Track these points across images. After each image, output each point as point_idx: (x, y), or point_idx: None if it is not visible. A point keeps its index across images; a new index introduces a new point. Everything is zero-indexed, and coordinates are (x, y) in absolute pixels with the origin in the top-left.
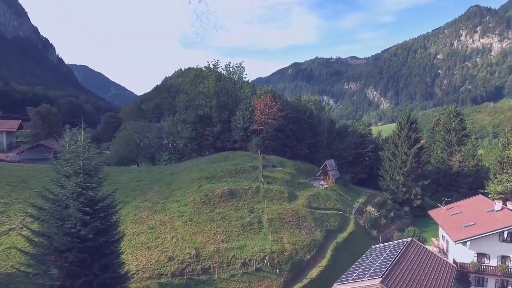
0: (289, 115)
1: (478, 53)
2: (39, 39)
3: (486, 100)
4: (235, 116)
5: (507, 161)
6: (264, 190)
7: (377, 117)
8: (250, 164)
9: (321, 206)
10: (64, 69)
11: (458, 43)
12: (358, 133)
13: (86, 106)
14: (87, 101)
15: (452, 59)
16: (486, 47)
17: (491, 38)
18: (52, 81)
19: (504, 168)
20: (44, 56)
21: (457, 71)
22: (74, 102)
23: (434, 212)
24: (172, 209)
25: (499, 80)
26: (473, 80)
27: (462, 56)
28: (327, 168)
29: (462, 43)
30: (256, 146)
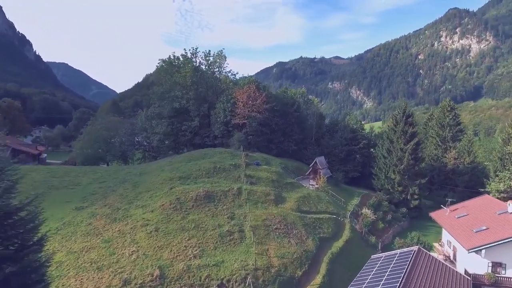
0: (275, 108)
1: (458, 54)
2: (15, 35)
3: (466, 100)
4: (215, 109)
5: (509, 157)
6: (246, 192)
7: (360, 116)
8: (231, 162)
9: (312, 210)
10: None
11: (438, 44)
12: (349, 128)
13: (63, 104)
14: (65, 99)
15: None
16: (465, 48)
17: (470, 39)
18: (29, 79)
19: (505, 165)
20: (21, 52)
21: (438, 71)
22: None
23: (437, 214)
24: (135, 217)
25: (477, 80)
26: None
27: (442, 57)
28: (317, 166)
29: (442, 44)
30: (238, 142)
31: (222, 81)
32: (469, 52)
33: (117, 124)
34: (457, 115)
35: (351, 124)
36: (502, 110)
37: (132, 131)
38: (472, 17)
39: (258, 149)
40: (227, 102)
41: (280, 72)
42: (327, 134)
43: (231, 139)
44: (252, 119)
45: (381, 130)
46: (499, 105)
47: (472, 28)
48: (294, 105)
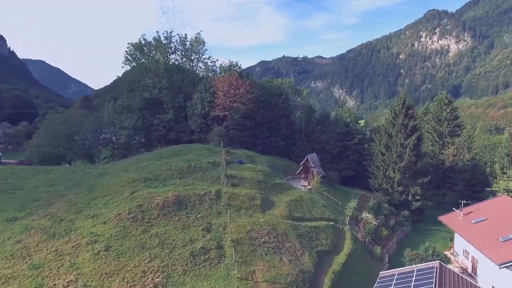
0: (260, 99)
1: (437, 54)
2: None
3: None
4: (192, 99)
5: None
6: (227, 196)
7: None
8: (209, 159)
9: (306, 216)
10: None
11: (418, 44)
12: (342, 121)
13: (36, 101)
14: (39, 96)
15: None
16: (444, 48)
17: (449, 39)
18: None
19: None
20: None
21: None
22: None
23: (448, 218)
24: (81, 230)
25: (456, 79)
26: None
27: (422, 57)
28: (309, 164)
29: (422, 44)
30: (218, 137)
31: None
32: (448, 52)
33: (81, 118)
34: (455, 109)
35: (344, 117)
36: (482, 108)
37: (97, 126)
38: (450, 18)
39: (241, 145)
40: (206, 91)
41: (263, 71)
42: (317, 128)
43: (209, 133)
44: (234, 110)
45: (378, 123)
46: (478, 104)
47: (451, 29)
48: (282, 95)
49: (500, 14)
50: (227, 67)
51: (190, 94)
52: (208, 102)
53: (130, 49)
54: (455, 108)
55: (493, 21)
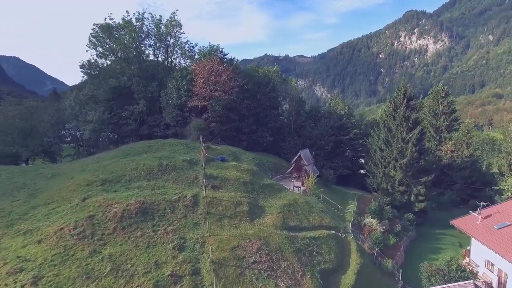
0: (245, 87)
1: (416, 53)
2: None
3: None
4: (167, 88)
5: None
6: (207, 202)
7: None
8: (186, 157)
9: (304, 225)
10: None
11: (398, 43)
12: (336, 114)
13: (7, 99)
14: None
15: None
16: (423, 48)
17: (427, 39)
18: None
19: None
20: None
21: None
22: None
23: (464, 223)
24: (5, 254)
25: (434, 79)
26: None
27: (401, 56)
28: (302, 161)
29: (401, 43)
30: (196, 130)
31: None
32: (426, 52)
33: (41, 112)
34: (452, 102)
35: (338, 109)
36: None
37: (58, 120)
38: (428, 19)
39: (223, 140)
40: (182, 78)
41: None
42: (308, 122)
43: (187, 127)
44: (216, 100)
45: (374, 117)
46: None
47: (429, 29)
48: (269, 84)
49: (475, 16)
50: (206, 51)
51: (165, 83)
52: (185, 91)
53: (96, 31)
54: (452, 101)
55: (469, 22)
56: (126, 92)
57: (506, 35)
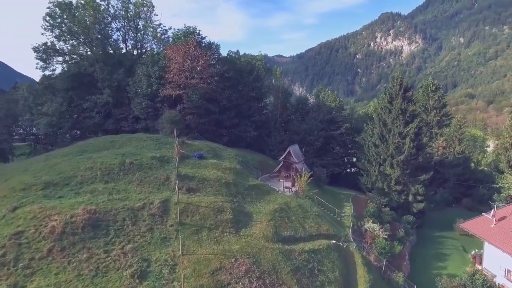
0: (225, 75)
1: (391, 54)
2: None
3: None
4: (135, 75)
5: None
6: (180, 209)
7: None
8: (156, 153)
9: (299, 234)
10: None
11: (374, 44)
12: (325, 107)
13: None
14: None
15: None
16: (398, 49)
17: (402, 41)
18: None
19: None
20: None
21: (374, 70)
22: None
23: (475, 226)
24: None
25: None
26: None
27: (378, 57)
28: (292, 158)
29: (377, 44)
30: (170, 123)
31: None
32: (401, 53)
33: None
34: (443, 96)
35: (327, 102)
36: None
37: (8, 112)
38: (403, 21)
39: (201, 135)
40: (153, 64)
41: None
42: (295, 116)
43: (159, 119)
44: (192, 89)
45: (365, 110)
46: None
47: (404, 31)
48: (253, 73)
49: (447, 19)
50: (181, 33)
51: (134, 70)
52: (157, 78)
53: (52, 10)
54: (443, 95)
55: (441, 24)
56: (89, 81)
57: (476, 37)
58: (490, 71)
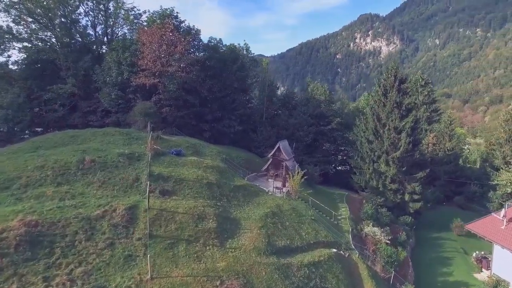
0: (207, 63)
1: (370, 54)
2: None
3: None
4: (104, 61)
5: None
6: (151, 217)
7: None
8: (124, 149)
9: (296, 243)
10: None
11: (354, 45)
12: (315, 101)
13: None
14: None
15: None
16: (377, 50)
17: (380, 42)
18: None
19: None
20: None
21: (354, 70)
22: None
23: (483, 227)
24: None
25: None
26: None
27: (357, 57)
28: (281, 155)
29: (357, 45)
30: (143, 116)
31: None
32: (380, 54)
33: None
34: (433, 91)
35: (317, 95)
36: None
37: None
38: (382, 22)
39: (180, 130)
40: (125, 49)
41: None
42: (282, 110)
43: (131, 111)
44: (169, 78)
45: (356, 104)
46: None
47: (382, 32)
48: (237, 61)
49: (423, 21)
50: (157, 16)
51: (102, 54)
52: (129, 66)
53: None
54: (432, 90)
55: (418, 26)
56: (51, 69)
57: (450, 39)
58: (465, 72)
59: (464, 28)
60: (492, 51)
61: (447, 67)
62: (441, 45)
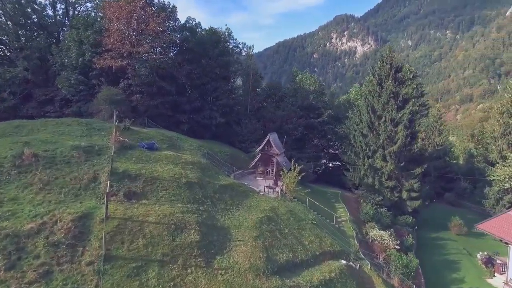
0: (184, 46)
1: (346, 54)
2: None
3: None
4: (62, 41)
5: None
6: (109, 230)
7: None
8: (80, 141)
9: (299, 256)
10: None
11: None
12: (304, 91)
13: None
14: None
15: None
16: (352, 50)
17: (356, 42)
18: None
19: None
20: None
21: (330, 69)
22: None
23: (498, 227)
24: None
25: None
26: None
27: (333, 57)
28: (272, 149)
29: (333, 45)
30: (108, 104)
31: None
32: (355, 54)
33: None
34: (421, 84)
35: (306, 85)
36: None
37: None
38: (357, 23)
39: (153, 121)
40: (87, 27)
41: None
42: (268, 101)
43: (94, 99)
44: (140, 61)
45: (347, 96)
46: None
47: (357, 32)
48: (219, 45)
49: (396, 22)
50: None
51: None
52: (92, 46)
53: None
54: (421, 83)
55: (391, 28)
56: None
57: (422, 40)
58: (436, 72)
59: (434, 30)
60: (461, 52)
61: (419, 67)
62: (413, 46)
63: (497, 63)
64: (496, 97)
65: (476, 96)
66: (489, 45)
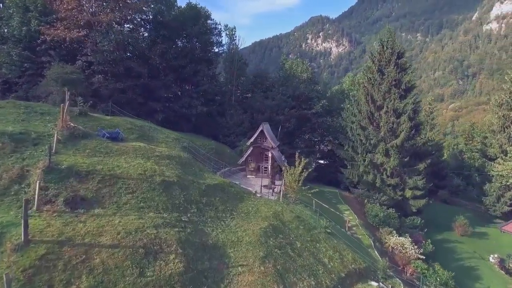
0: (159, 19)
1: (321, 55)
2: None
3: None
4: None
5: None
6: (31, 264)
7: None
8: (13, 127)
9: (324, 282)
10: None
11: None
12: (295, 79)
13: None
14: None
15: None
16: (327, 51)
17: (331, 43)
18: None
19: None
20: None
21: None
22: None
23: None
24: None
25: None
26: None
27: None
28: (266, 142)
29: (309, 45)
30: (61, 85)
31: None
32: (330, 55)
33: None
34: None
35: (298, 73)
36: None
37: None
38: (332, 24)
39: (121, 108)
40: None
41: None
42: (255, 90)
43: (43, 80)
44: (103, 34)
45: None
46: None
47: (332, 34)
48: (199, 21)
49: (369, 25)
50: None
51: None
52: (40, 13)
53: None
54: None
55: (365, 30)
56: None
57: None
58: None
59: (406, 33)
60: (431, 54)
61: None
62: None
63: (465, 65)
64: (466, 97)
65: (447, 96)
66: (457, 47)
